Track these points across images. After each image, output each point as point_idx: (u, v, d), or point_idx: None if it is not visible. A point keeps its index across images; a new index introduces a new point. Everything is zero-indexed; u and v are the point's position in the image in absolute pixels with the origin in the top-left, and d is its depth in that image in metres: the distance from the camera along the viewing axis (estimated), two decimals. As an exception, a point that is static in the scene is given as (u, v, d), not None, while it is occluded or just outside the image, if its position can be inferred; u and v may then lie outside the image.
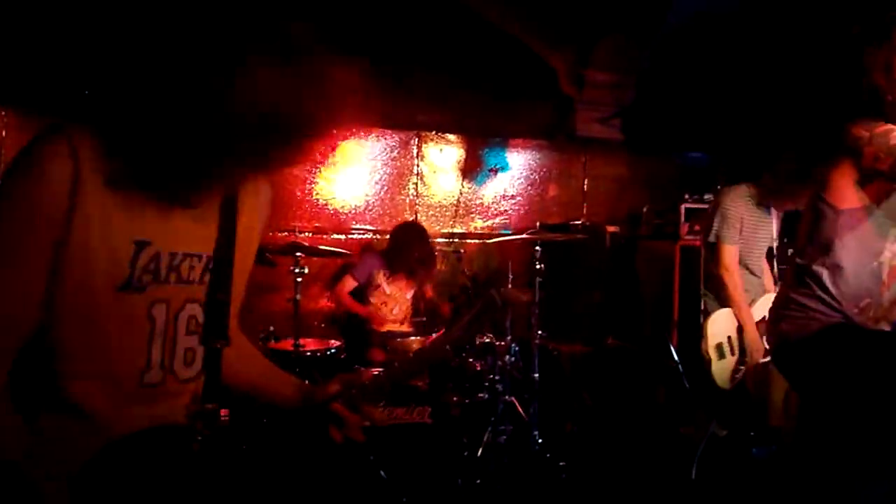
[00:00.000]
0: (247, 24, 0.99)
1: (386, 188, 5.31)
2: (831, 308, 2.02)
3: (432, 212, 5.44)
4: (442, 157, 5.47)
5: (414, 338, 3.89)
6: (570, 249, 4.81)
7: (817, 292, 2.03)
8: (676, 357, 4.51)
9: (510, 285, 4.02)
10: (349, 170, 5.19)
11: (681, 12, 5.06)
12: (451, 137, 5.49)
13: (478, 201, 5.56)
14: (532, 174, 5.72)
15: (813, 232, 2.08)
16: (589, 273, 5.21)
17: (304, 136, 1.12)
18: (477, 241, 5.50)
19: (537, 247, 3.83)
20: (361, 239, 5.18)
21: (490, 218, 5.59)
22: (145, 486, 1.11)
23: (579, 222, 5.28)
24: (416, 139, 5.39)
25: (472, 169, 5.52)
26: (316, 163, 5.08)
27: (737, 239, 3.56)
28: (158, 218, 1.12)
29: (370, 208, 5.26)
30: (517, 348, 4.09)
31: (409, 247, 4.41)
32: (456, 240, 5.32)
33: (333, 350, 3.89)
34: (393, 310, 4.48)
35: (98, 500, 1.08)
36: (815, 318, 2.03)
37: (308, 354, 3.77)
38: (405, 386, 3.47)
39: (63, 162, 1.01)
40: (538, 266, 3.82)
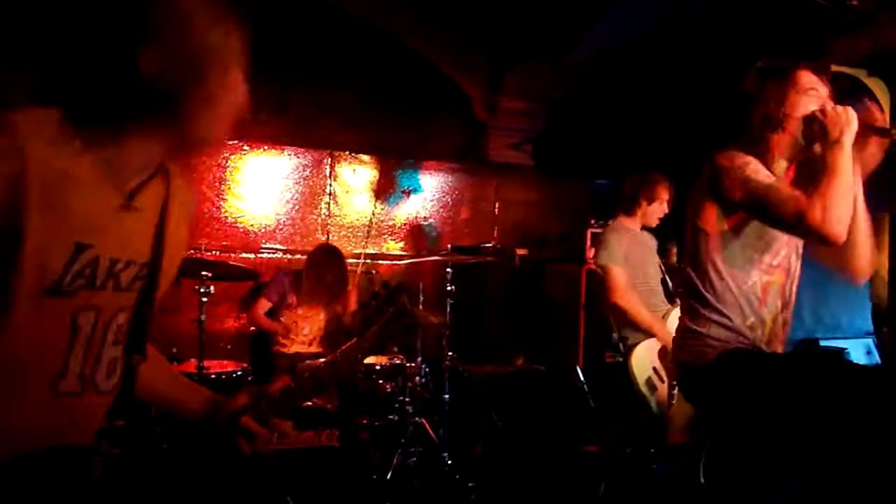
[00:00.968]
0: None
1: (297, 207, 5.23)
2: (726, 329, 2.11)
3: (344, 232, 5.40)
4: (355, 178, 5.44)
5: (323, 359, 3.82)
6: (481, 271, 4.88)
7: (709, 317, 2.13)
8: (582, 377, 4.63)
9: (421, 307, 4.02)
10: (260, 187, 5.08)
11: (591, 45, 5.26)
12: (365, 158, 5.48)
13: (390, 222, 5.56)
14: (444, 197, 5.77)
15: (693, 257, 2.19)
16: (499, 295, 5.28)
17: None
18: (389, 263, 5.49)
19: (448, 269, 3.85)
20: (271, 258, 5.07)
21: (402, 239, 5.60)
22: None
23: (490, 245, 5.36)
24: (330, 159, 5.35)
25: (385, 190, 5.52)
26: (224, 179, 4.96)
27: (621, 261, 3.65)
28: (105, 219, 1.06)
29: (281, 227, 5.17)
30: (427, 370, 4.09)
31: (324, 269, 4.36)
32: (368, 260, 5.29)
33: (239, 372, 3.78)
34: (303, 330, 4.40)
35: None
36: (711, 346, 2.11)
37: (213, 377, 3.64)
38: (313, 409, 3.41)
39: (5, 155, 0.96)
40: (449, 288, 3.85)
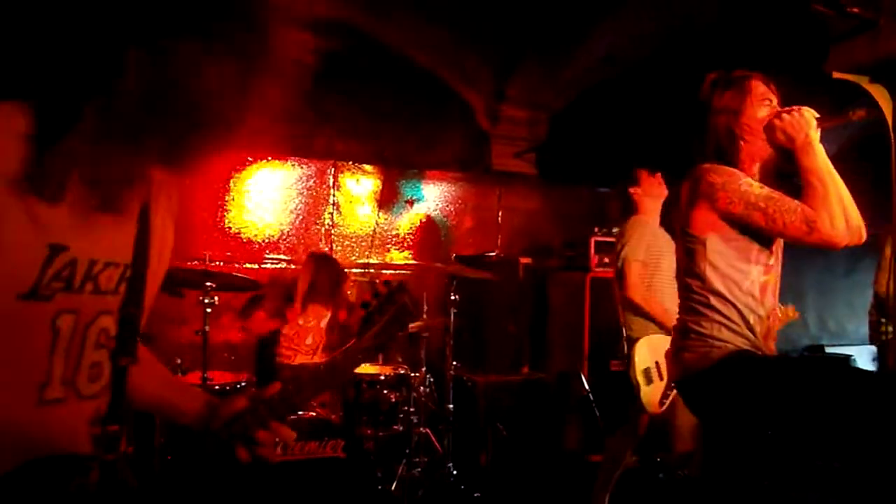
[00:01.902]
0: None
1: (301, 217, 5.24)
2: (729, 330, 2.12)
3: (348, 242, 5.40)
4: (358, 188, 5.45)
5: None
6: (485, 281, 4.87)
7: (713, 317, 2.14)
8: (587, 386, 4.62)
9: (425, 316, 4.02)
10: (263, 198, 5.09)
11: (592, 53, 5.28)
12: (368, 168, 5.49)
13: (393, 232, 5.57)
14: (448, 206, 5.78)
15: (688, 262, 2.20)
16: (503, 304, 5.28)
17: (218, 131, 1.07)
18: (392, 272, 5.49)
19: (452, 278, 3.86)
20: (274, 269, 5.08)
21: (406, 249, 5.60)
22: None
23: (493, 254, 5.36)
24: (333, 169, 5.36)
25: (389, 200, 5.53)
26: (228, 190, 4.98)
27: (642, 256, 3.65)
28: (80, 222, 1.03)
29: (284, 238, 5.18)
30: (432, 380, 4.09)
31: (318, 277, 4.36)
32: (371, 270, 5.29)
33: (243, 383, 3.77)
34: (305, 340, 4.40)
35: None
36: (715, 347, 2.12)
37: (217, 388, 3.64)
38: (318, 420, 3.40)
39: None
40: (453, 297, 3.85)
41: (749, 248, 2.13)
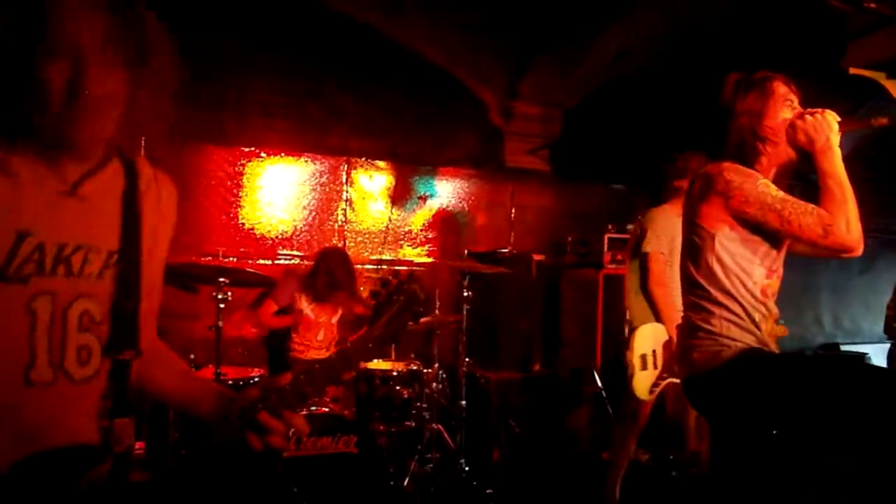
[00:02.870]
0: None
1: (314, 214, 5.26)
2: (738, 328, 2.11)
3: (361, 238, 5.42)
4: (371, 184, 5.46)
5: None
6: (497, 277, 4.87)
7: (722, 314, 2.13)
8: (600, 383, 4.61)
9: (437, 312, 4.03)
10: (277, 194, 5.12)
11: (605, 50, 5.26)
12: (381, 164, 5.50)
13: (406, 228, 5.58)
14: (461, 202, 5.78)
15: (694, 253, 2.19)
16: (515, 301, 5.27)
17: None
18: (405, 269, 5.50)
19: (465, 274, 3.85)
20: (288, 265, 5.10)
21: (419, 245, 5.61)
22: None
23: (506, 250, 5.36)
24: (346, 165, 5.37)
25: (402, 196, 5.54)
26: (241, 186, 5.00)
27: (664, 250, 3.63)
28: (45, 208, 1.08)
29: (298, 234, 5.19)
30: (444, 376, 4.09)
31: (331, 272, 4.35)
32: (384, 266, 5.30)
33: (256, 378, 3.79)
34: (317, 335, 4.41)
35: None
36: (726, 345, 2.11)
37: (230, 383, 3.66)
38: (330, 415, 3.41)
39: None
40: (465, 293, 3.85)
41: (756, 249, 2.12)
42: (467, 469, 3.73)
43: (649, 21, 4.91)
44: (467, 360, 3.91)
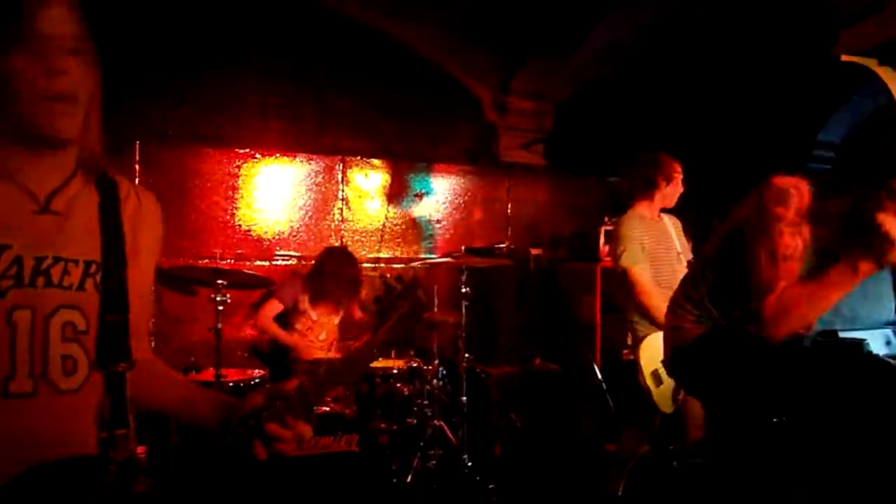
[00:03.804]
0: None
1: (310, 214, 5.26)
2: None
3: (358, 237, 5.42)
4: (367, 182, 5.46)
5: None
6: (495, 272, 4.88)
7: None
8: (600, 376, 4.62)
9: (436, 308, 4.03)
10: (273, 195, 5.11)
11: (597, 43, 5.26)
12: (377, 162, 5.50)
13: (403, 226, 5.58)
14: (457, 198, 5.78)
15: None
16: (514, 295, 5.28)
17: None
18: (402, 266, 5.50)
19: (463, 270, 3.86)
20: (286, 265, 5.10)
21: (415, 242, 5.61)
22: None
23: (503, 246, 5.36)
24: (341, 164, 5.37)
25: (398, 194, 5.54)
26: (237, 187, 5.00)
27: (642, 258, 3.63)
28: (19, 222, 1.08)
29: (294, 234, 5.19)
30: (445, 372, 4.09)
31: (336, 272, 4.32)
32: (382, 265, 5.31)
33: (257, 380, 3.80)
34: (319, 336, 4.40)
35: None
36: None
37: (231, 385, 3.67)
38: (332, 414, 3.42)
39: None
40: (464, 289, 3.85)
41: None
42: (470, 464, 3.74)
43: (641, 11, 4.91)
44: (467, 356, 3.92)
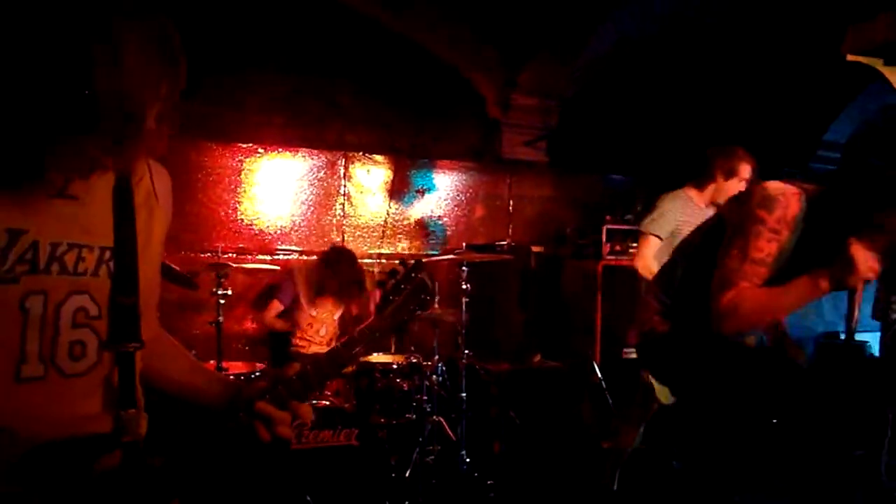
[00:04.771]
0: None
1: (312, 209, 5.26)
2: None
3: (359, 232, 5.42)
4: (369, 178, 5.46)
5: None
6: (496, 269, 4.87)
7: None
8: (600, 374, 4.62)
9: (437, 305, 4.03)
10: (275, 190, 5.11)
11: (602, 40, 5.24)
12: (379, 158, 5.49)
13: (405, 222, 5.58)
14: (459, 195, 5.77)
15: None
16: (515, 292, 5.28)
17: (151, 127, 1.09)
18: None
19: (464, 267, 3.85)
20: (287, 260, 5.10)
21: (417, 238, 5.61)
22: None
23: (505, 243, 5.36)
24: (344, 159, 5.37)
25: (400, 190, 5.53)
26: (239, 182, 5.00)
27: (664, 232, 3.57)
28: (38, 207, 1.08)
29: (296, 229, 5.20)
30: (444, 368, 4.10)
31: (337, 271, 4.36)
32: (382, 260, 5.30)
33: (258, 373, 3.81)
34: (319, 331, 4.42)
35: None
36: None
37: (231, 378, 3.67)
38: (331, 409, 3.42)
39: None
40: (465, 286, 3.84)
41: None
42: (468, 461, 3.74)
43: (648, 10, 4.89)
44: (467, 353, 3.91)
